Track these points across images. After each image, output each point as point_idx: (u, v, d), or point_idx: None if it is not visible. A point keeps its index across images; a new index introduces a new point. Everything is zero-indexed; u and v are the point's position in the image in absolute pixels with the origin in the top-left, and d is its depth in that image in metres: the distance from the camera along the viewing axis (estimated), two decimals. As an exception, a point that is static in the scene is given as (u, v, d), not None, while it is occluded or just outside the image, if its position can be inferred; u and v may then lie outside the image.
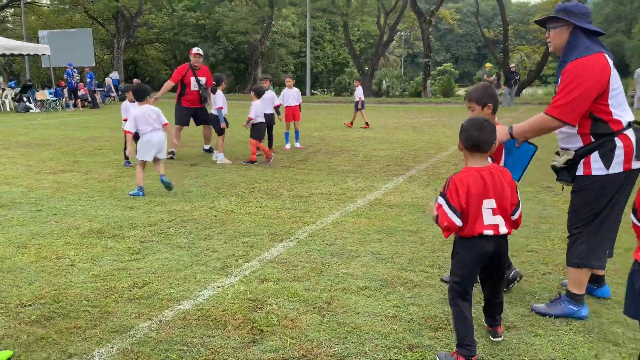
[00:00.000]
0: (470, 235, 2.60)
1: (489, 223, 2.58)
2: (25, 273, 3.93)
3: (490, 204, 2.58)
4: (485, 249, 2.60)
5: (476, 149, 2.64)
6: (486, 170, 2.62)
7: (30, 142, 11.54)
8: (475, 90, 3.54)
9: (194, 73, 9.20)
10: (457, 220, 2.56)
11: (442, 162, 8.65)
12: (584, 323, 3.13)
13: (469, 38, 77.76)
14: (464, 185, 2.56)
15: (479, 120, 2.68)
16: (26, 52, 24.18)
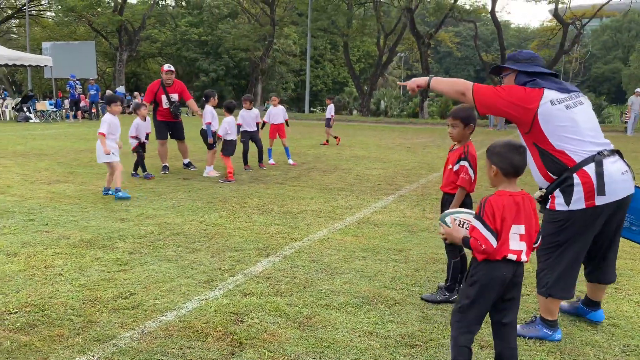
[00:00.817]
0: (494, 259, 2.51)
1: (514, 248, 2.51)
2: (13, 281, 3.99)
3: (519, 229, 2.52)
4: (504, 273, 2.51)
5: (514, 175, 2.56)
6: (519, 196, 2.56)
7: (28, 152, 11.63)
8: (463, 110, 3.68)
9: (164, 91, 9.22)
10: (495, 241, 2.47)
11: (433, 183, 8.76)
12: (557, 344, 3.20)
13: (468, 61, 78.59)
14: (499, 208, 2.49)
15: (515, 144, 2.58)
16: (28, 62, 24.42)
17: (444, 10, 31.90)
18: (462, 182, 3.64)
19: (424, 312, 3.60)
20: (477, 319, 2.58)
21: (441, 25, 34.98)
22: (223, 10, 43.34)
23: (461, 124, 3.66)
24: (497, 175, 2.59)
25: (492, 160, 2.59)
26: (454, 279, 3.77)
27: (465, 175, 3.63)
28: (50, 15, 43.33)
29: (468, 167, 3.63)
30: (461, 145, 3.73)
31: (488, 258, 2.51)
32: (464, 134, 3.69)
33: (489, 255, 2.50)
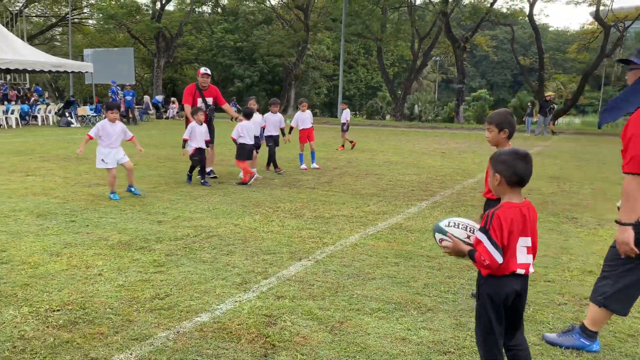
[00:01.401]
0: (501, 274, 2.43)
1: (522, 262, 2.43)
2: (56, 280, 4.14)
3: (526, 242, 2.44)
4: (514, 287, 2.44)
5: (519, 184, 2.45)
6: (525, 207, 2.45)
7: (69, 156, 12.03)
8: (498, 114, 3.67)
9: (201, 94, 9.21)
10: (500, 257, 2.37)
11: (468, 189, 8.65)
12: (594, 355, 3.12)
13: (505, 65, 77.22)
14: (507, 221, 2.39)
15: (520, 152, 2.46)
16: (71, 69, 25.26)
17: (480, 13, 31.47)
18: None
19: (457, 320, 3.57)
20: (499, 334, 2.51)
21: (477, 28, 34.48)
22: (258, 17, 43.88)
23: (495, 128, 3.64)
24: (501, 184, 2.48)
25: (497, 169, 2.48)
26: None
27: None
28: (92, 23, 44.76)
29: None
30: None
31: (495, 274, 2.43)
32: (499, 138, 3.66)
33: (494, 271, 2.43)
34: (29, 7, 40.35)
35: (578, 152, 15.53)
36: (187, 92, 9.36)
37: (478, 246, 2.44)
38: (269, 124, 10.06)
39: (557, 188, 8.72)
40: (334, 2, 34.50)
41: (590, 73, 32.14)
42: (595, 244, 5.50)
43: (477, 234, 2.46)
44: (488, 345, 2.51)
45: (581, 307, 3.84)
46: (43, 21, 44.05)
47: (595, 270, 4.62)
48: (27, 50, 23.39)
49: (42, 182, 8.55)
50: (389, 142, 17.92)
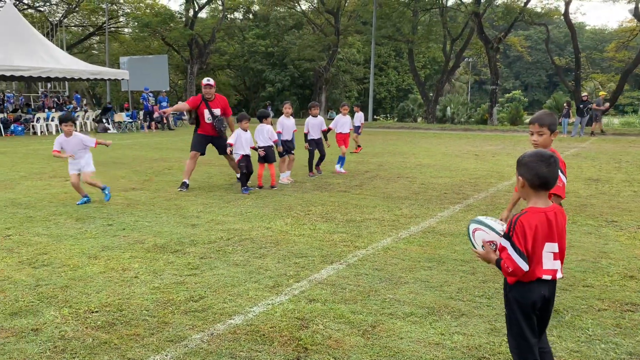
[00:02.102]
0: (528, 280, 2.39)
1: (548, 268, 2.39)
2: (94, 282, 4.25)
3: (553, 247, 2.39)
4: (542, 293, 2.41)
5: (544, 187, 2.40)
6: (551, 212, 2.40)
7: (107, 161, 12.35)
8: (548, 115, 3.52)
9: (207, 105, 8.72)
10: (525, 265, 2.34)
11: (503, 192, 8.49)
12: (637, 363, 3.02)
13: (540, 65, 75.68)
14: (531, 228, 2.34)
15: (545, 155, 2.41)
16: (107, 76, 25.98)
17: (513, 14, 30.90)
18: (556, 190, 3.36)
19: (492, 324, 3.50)
20: (532, 337, 2.47)
21: (510, 29, 33.88)
22: (289, 22, 44.22)
23: (548, 130, 3.47)
24: (524, 187, 2.43)
25: (520, 172, 2.44)
26: None
27: (558, 182, 3.45)
28: (127, 32, 45.93)
29: (560, 174, 3.39)
30: None
31: (521, 280, 2.40)
32: (550, 141, 3.51)
33: (520, 278, 2.39)
34: (68, 17, 41.68)
35: (617, 153, 15.07)
36: (192, 99, 8.97)
37: (502, 253, 2.40)
38: (311, 128, 10.01)
39: (595, 190, 8.47)
40: (364, 6, 34.48)
41: (630, 72, 31.14)
42: (637, 248, 5.32)
43: (502, 240, 2.42)
44: (522, 351, 2.47)
45: (622, 313, 3.71)
46: (81, 31, 45.44)
47: (636, 275, 4.47)
48: (67, 59, 24.16)
49: (80, 186, 8.79)
50: (420, 145, 17.77)
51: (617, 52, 37.76)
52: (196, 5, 40.38)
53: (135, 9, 39.59)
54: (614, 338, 3.33)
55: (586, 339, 3.33)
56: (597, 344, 3.25)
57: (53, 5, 41.38)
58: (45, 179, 9.61)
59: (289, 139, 9.63)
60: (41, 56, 21.92)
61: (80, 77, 23.83)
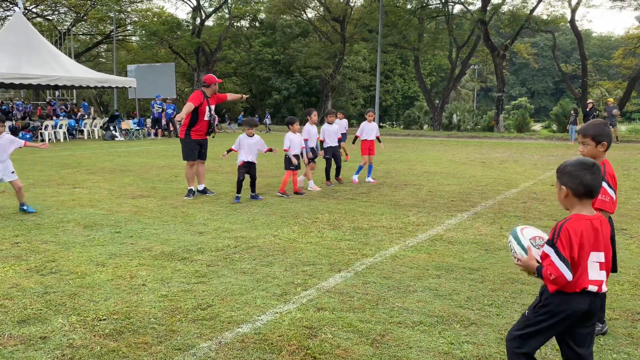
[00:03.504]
0: (572, 291, 2.30)
1: (595, 278, 2.31)
2: (102, 290, 4.26)
3: (599, 257, 2.32)
4: (581, 306, 2.31)
5: (588, 195, 2.35)
6: (597, 220, 2.34)
7: (114, 168, 12.41)
8: (593, 125, 3.42)
9: (208, 102, 8.52)
10: (569, 273, 2.25)
11: (511, 200, 8.45)
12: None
13: (546, 72, 75.55)
14: (577, 234, 2.28)
15: (587, 162, 2.36)
16: (115, 84, 26.14)
17: (519, 21, 30.90)
18: (602, 205, 3.28)
19: (502, 334, 3.47)
20: (536, 348, 2.40)
21: (517, 36, 33.89)
22: (295, 30, 44.42)
23: (592, 141, 3.36)
24: (568, 196, 2.39)
25: (562, 181, 2.39)
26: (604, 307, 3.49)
27: (605, 196, 3.29)
28: (135, 40, 46.32)
29: (607, 187, 3.32)
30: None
31: (564, 290, 2.31)
32: (596, 152, 3.38)
33: (563, 287, 2.31)
34: (76, 26, 42.08)
35: (625, 160, 14.97)
36: (195, 96, 8.51)
37: (545, 260, 2.32)
38: (327, 135, 9.96)
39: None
40: (370, 14, 34.58)
41: (637, 79, 31.04)
42: (647, 256, 5.27)
43: (545, 247, 2.35)
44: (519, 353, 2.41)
45: (633, 322, 3.67)
46: (89, 39, 45.85)
47: (648, 284, 4.43)
48: (75, 67, 24.34)
49: (88, 194, 8.84)
50: (427, 152, 17.74)
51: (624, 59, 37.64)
52: (203, 13, 40.70)
53: (142, 18, 39.93)
54: (625, 348, 3.29)
55: (597, 348, 3.29)
56: (609, 354, 3.22)
57: (61, 14, 41.80)
58: (53, 186, 9.66)
59: (314, 146, 9.69)
60: (50, 64, 22.10)
61: (88, 85, 23.99)
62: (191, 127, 8.51)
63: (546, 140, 24.89)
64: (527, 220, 6.90)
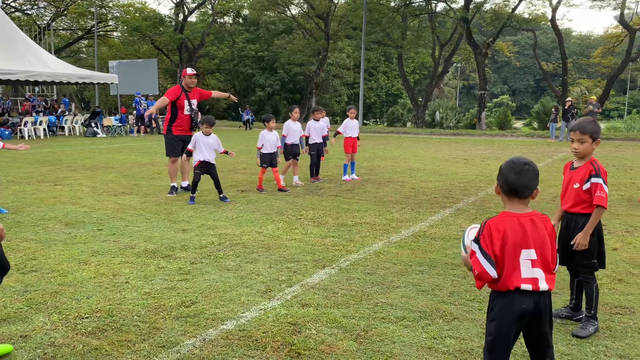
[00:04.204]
0: (506, 289, 2.32)
1: (527, 276, 2.31)
2: (85, 287, 4.22)
3: (529, 254, 2.31)
4: (523, 306, 2.31)
5: (514, 194, 2.38)
6: (526, 217, 2.35)
7: (96, 165, 12.26)
8: (590, 123, 3.45)
9: (187, 96, 8.48)
10: (492, 270, 2.28)
11: (492, 196, 8.55)
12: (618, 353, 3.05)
13: (527, 70, 76.45)
14: (499, 230, 2.31)
15: (518, 163, 2.39)
16: (96, 80, 25.78)
17: (501, 19, 31.19)
18: (599, 201, 3.38)
19: (484, 328, 3.51)
20: (505, 356, 2.38)
21: (499, 34, 34.21)
22: (279, 26, 44.27)
23: (590, 139, 3.42)
24: (499, 194, 2.44)
25: (497, 179, 2.46)
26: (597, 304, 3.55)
27: (601, 193, 3.38)
28: (117, 35, 45.71)
29: (602, 183, 3.40)
30: (586, 162, 3.50)
31: (499, 289, 2.33)
32: (591, 149, 3.46)
33: (496, 285, 2.33)
34: (56, 20, 41.39)
35: (604, 157, 15.23)
36: (171, 90, 8.54)
37: (472, 257, 2.35)
38: (312, 132, 9.94)
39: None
40: (354, 11, 34.59)
41: (616, 77, 31.58)
42: (625, 251, 5.38)
43: (472, 244, 2.37)
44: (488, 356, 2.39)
45: (611, 315, 3.75)
46: (70, 34, 45.14)
47: (625, 279, 4.52)
48: (55, 63, 23.95)
49: (69, 191, 8.73)
50: (410, 149, 17.85)
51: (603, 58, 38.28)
52: (186, 9, 40.37)
53: (124, 13, 39.43)
54: (604, 341, 3.37)
55: (577, 342, 3.36)
56: (588, 347, 3.28)
57: (41, 9, 41.09)
58: (34, 183, 9.52)
59: (295, 142, 9.61)
60: (29, 60, 21.70)
61: (68, 81, 23.64)
62: (172, 123, 8.52)
63: (527, 138, 25.20)
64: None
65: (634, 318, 3.72)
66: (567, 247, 3.56)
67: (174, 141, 8.56)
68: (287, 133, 9.49)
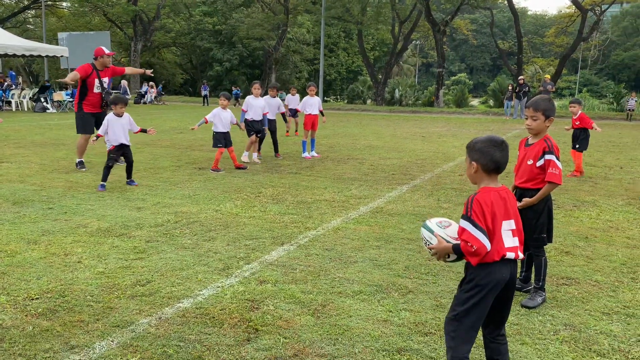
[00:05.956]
0: (492, 260, 2.36)
1: (510, 245, 2.40)
2: (34, 268, 4.08)
3: (510, 225, 2.42)
4: (504, 274, 2.38)
5: (496, 171, 2.43)
6: (502, 190, 2.44)
7: (46, 142, 11.80)
8: (544, 101, 3.52)
9: (98, 75, 8.45)
10: (487, 242, 2.32)
11: (448, 173, 8.72)
12: (571, 333, 3.20)
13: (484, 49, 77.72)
14: (487, 204, 2.36)
15: (497, 140, 2.44)
16: (45, 53, 24.65)
17: (459, -3, 31.49)
18: (552, 177, 3.50)
19: (438, 301, 3.62)
20: (475, 327, 2.42)
21: (457, 12, 34.53)
22: (237, -1, 43.31)
23: (542, 116, 3.50)
24: (477, 172, 2.47)
25: (473, 157, 2.46)
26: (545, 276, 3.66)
27: (555, 169, 3.48)
28: (66, 6, 43.67)
29: (556, 160, 3.50)
30: (540, 139, 3.59)
31: (485, 261, 2.36)
32: (544, 127, 3.55)
33: (484, 257, 2.36)
34: (0, -12, 39.18)
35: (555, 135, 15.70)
36: (82, 67, 8.46)
37: (462, 235, 2.38)
38: (269, 108, 9.83)
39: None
40: (314, -15, 34.19)
41: (568, 56, 32.49)
42: (572, 225, 5.61)
43: (461, 222, 2.41)
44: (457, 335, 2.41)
45: (558, 287, 3.92)
46: (15, 3, 42.79)
47: (572, 251, 4.72)
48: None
49: (17, 168, 8.38)
50: (370, 127, 17.95)
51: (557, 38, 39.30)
52: (140, -21, 38.85)
53: (74, -18, 37.65)
54: (550, 310, 3.52)
55: (525, 312, 3.50)
56: (535, 317, 3.43)
57: (-18, -25, 38.76)
58: (-22, 161, 9.09)
59: (257, 119, 9.41)
60: (-30, 30, 20.54)
61: (14, 53, 22.52)
62: (82, 100, 8.54)
63: (483, 115, 25.75)
64: (462, 192, 7.16)
65: (578, 288, 3.89)
66: None
67: (85, 118, 8.58)
68: (247, 108, 9.34)
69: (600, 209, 6.34)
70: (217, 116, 8.45)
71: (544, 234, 3.66)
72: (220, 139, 8.51)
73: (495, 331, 2.55)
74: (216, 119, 8.44)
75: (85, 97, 8.49)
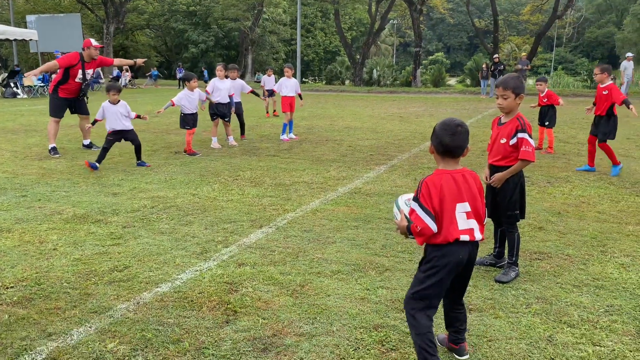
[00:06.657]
0: (446, 242, 2.42)
1: (464, 228, 2.44)
2: (8, 257, 4.03)
3: (464, 207, 2.45)
4: (460, 256, 2.45)
5: (448, 155, 2.49)
6: (458, 173, 2.49)
7: (17, 128, 11.54)
8: (512, 79, 3.56)
9: (82, 66, 8.38)
10: (432, 224, 2.38)
11: (425, 152, 8.79)
12: (542, 306, 3.29)
13: (461, 28, 77.81)
14: (436, 187, 2.42)
15: (451, 125, 2.48)
16: (13, 37, 23.95)
17: (435, -25, 31.38)
18: (525, 155, 3.55)
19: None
20: (434, 305, 2.50)
21: (433, -9, 34.45)
22: (211, -21, 42.47)
23: (512, 94, 3.54)
24: (433, 153, 2.55)
25: (431, 139, 2.55)
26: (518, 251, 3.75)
27: (527, 147, 3.54)
28: (34, -13, 42.31)
29: (528, 138, 3.55)
30: (513, 117, 3.63)
31: (439, 242, 2.41)
32: (514, 104, 3.58)
33: (431, 238, 2.42)
34: (-37, -31, 37.76)
35: (529, 112, 15.94)
36: (67, 56, 8.40)
37: (411, 215, 2.45)
38: (234, 90, 9.72)
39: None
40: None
41: (543, 34, 32.75)
42: (545, 201, 5.73)
43: (411, 203, 2.47)
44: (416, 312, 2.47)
45: (531, 261, 4.02)
46: (-20, -15, 41.36)
47: (545, 227, 4.83)
48: (-36, 17, 21.98)
49: (-12, 156, 8.19)
50: (348, 108, 17.94)
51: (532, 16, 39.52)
52: (110, -41, 37.78)
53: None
54: (523, 284, 3.61)
55: (499, 287, 3.58)
56: (509, 291, 3.51)
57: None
58: (-53, 149, 8.85)
59: (223, 102, 9.23)
60: None
61: (-19, 37, 21.83)
62: (60, 85, 8.45)
63: (460, 95, 25.90)
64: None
65: (550, 262, 4.00)
66: (491, 200, 3.75)
67: (59, 103, 8.56)
68: (211, 90, 9.07)
69: (572, 185, 6.48)
70: (184, 98, 8.32)
71: (517, 210, 3.73)
72: (189, 121, 8.41)
73: (453, 303, 2.69)
74: (183, 101, 8.31)
75: (65, 83, 8.41)
